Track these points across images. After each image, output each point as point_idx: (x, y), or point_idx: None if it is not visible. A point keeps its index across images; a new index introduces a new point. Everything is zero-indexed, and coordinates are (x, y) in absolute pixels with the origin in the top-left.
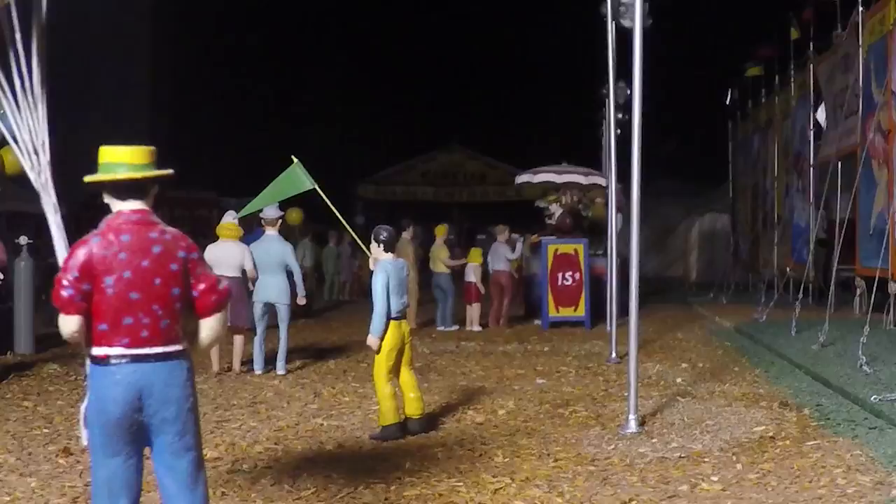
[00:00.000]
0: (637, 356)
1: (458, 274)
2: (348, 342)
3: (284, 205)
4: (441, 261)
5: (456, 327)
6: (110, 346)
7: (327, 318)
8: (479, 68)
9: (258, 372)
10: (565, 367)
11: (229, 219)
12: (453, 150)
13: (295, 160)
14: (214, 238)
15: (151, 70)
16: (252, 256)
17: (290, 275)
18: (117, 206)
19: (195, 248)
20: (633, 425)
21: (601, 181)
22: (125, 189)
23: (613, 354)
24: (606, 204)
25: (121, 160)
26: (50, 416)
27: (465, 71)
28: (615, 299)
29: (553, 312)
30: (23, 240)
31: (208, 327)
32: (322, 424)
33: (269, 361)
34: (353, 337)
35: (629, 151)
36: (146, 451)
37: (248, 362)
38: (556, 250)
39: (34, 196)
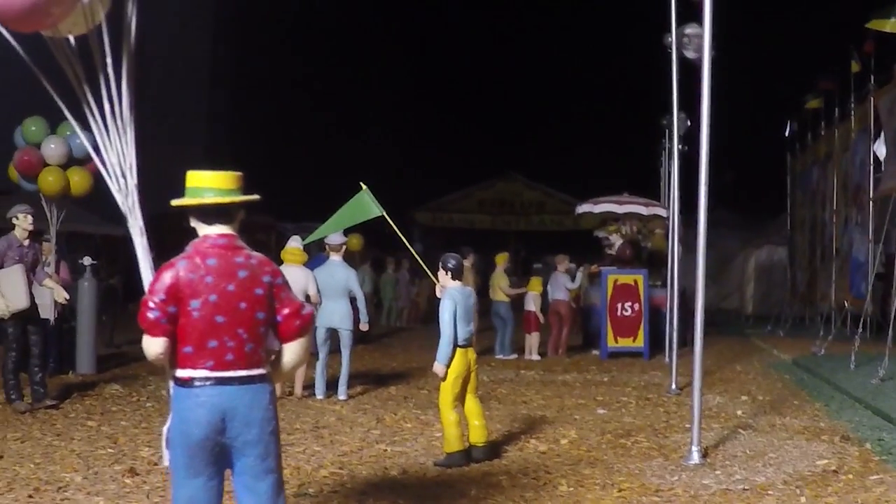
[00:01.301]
0: (700, 388)
1: (516, 302)
2: (408, 368)
3: (345, 230)
4: (501, 289)
5: (514, 356)
6: (195, 368)
7: (385, 343)
8: (538, 97)
9: (319, 397)
10: (625, 397)
11: (294, 244)
12: (511, 178)
13: (363, 187)
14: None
15: (210, 94)
16: (316, 281)
17: (352, 300)
18: (204, 230)
19: (280, 273)
20: (696, 457)
21: (662, 212)
22: (212, 213)
23: (673, 385)
24: (666, 235)
25: (208, 185)
26: (114, 436)
27: (523, 99)
28: (676, 330)
29: (612, 342)
30: (86, 260)
31: (291, 351)
32: (386, 450)
33: (331, 386)
34: (412, 363)
35: (688, 182)
36: (227, 472)
37: (309, 387)
38: (616, 280)
39: (92, 217)
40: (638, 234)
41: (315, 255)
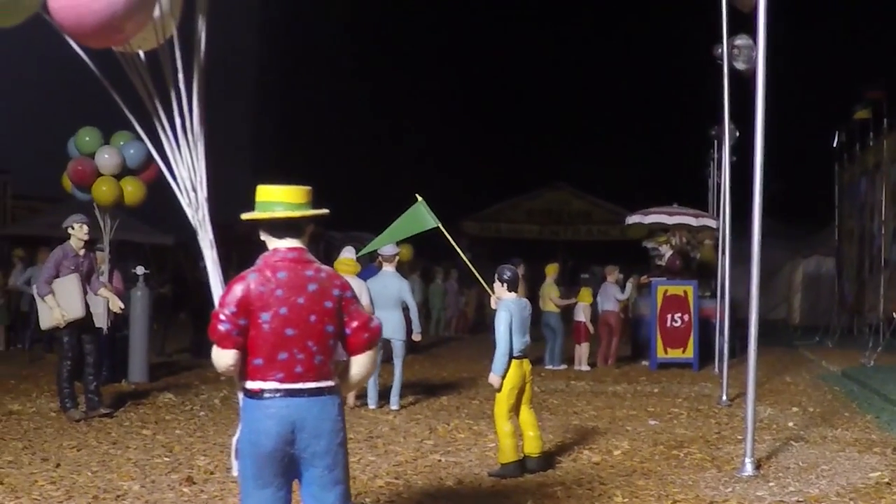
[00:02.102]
0: (754, 399)
1: (566, 313)
2: (458, 378)
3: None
4: (551, 299)
5: (564, 366)
6: (265, 380)
7: (434, 353)
8: (586, 107)
9: (372, 406)
10: (676, 408)
11: (348, 254)
12: (559, 188)
13: (419, 198)
14: None
15: (258, 104)
16: (369, 292)
17: (405, 310)
18: (273, 243)
19: (349, 286)
20: (749, 468)
21: (711, 223)
22: (282, 227)
23: (724, 397)
24: (715, 246)
25: (278, 199)
26: (170, 445)
27: (571, 109)
28: (727, 342)
29: (661, 353)
30: (139, 270)
31: (359, 364)
32: (440, 460)
33: (383, 396)
34: (462, 373)
35: (737, 192)
36: (294, 483)
37: (362, 396)
38: (666, 291)
39: (141, 226)
40: (687, 245)
41: (366, 266)
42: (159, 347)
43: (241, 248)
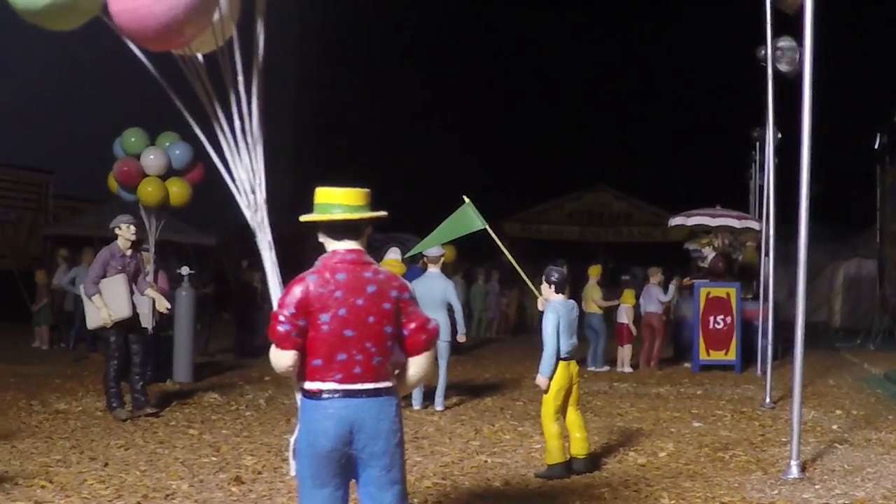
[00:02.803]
0: (800, 402)
1: (608, 314)
2: (501, 379)
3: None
4: (594, 301)
5: (607, 368)
6: (323, 381)
7: (476, 355)
8: (627, 108)
9: (416, 407)
10: (720, 410)
11: (393, 255)
12: (600, 189)
13: (466, 200)
14: None
15: (299, 105)
16: (414, 293)
17: (449, 312)
18: (332, 245)
19: (407, 287)
20: (795, 471)
21: (755, 225)
22: (341, 229)
23: (767, 399)
24: (757, 248)
25: (337, 201)
26: (216, 445)
27: (613, 110)
28: (770, 344)
29: (704, 355)
30: (184, 270)
31: (417, 365)
32: (486, 461)
33: (427, 397)
34: (505, 374)
35: (779, 195)
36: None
37: (406, 397)
38: (709, 293)
39: (182, 226)
40: (729, 247)
41: (409, 267)
42: (202, 347)
43: (281, 250)
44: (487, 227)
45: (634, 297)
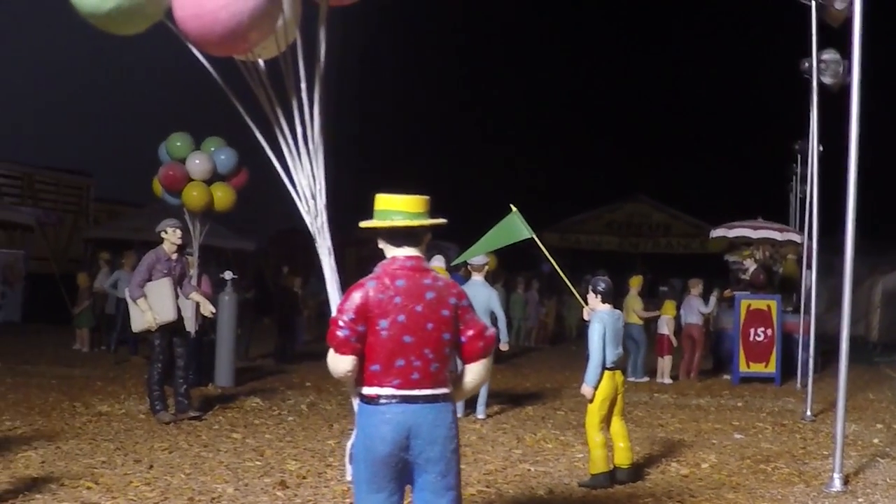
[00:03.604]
0: (843, 415)
1: (648, 325)
2: (542, 388)
3: None
4: (635, 312)
5: (646, 378)
6: (381, 386)
7: (516, 364)
8: (666, 119)
9: (459, 415)
10: (760, 422)
11: (437, 263)
12: (639, 200)
13: (513, 209)
14: None
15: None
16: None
17: (492, 320)
18: (391, 251)
19: (464, 295)
20: (837, 484)
21: (796, 238)
22: (401, 236)
23: (808, 412)
24: (798, 260)
25: (397, 208)
26: (260, 449)
27: (652, 120)
28: (812, 357)
29: (744, 367)
30: (227, 274)
31: (474, 372)
32: (530, 470)
33: (469, 405)
34: (545, 383)
35: (821, 207)
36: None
37: None
38: (750, 306)
39: (222, 230)
40: (770, 259)
41: (452, 276)
42: (243, 352)
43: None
44: (534, 236)
45: (675, 308)
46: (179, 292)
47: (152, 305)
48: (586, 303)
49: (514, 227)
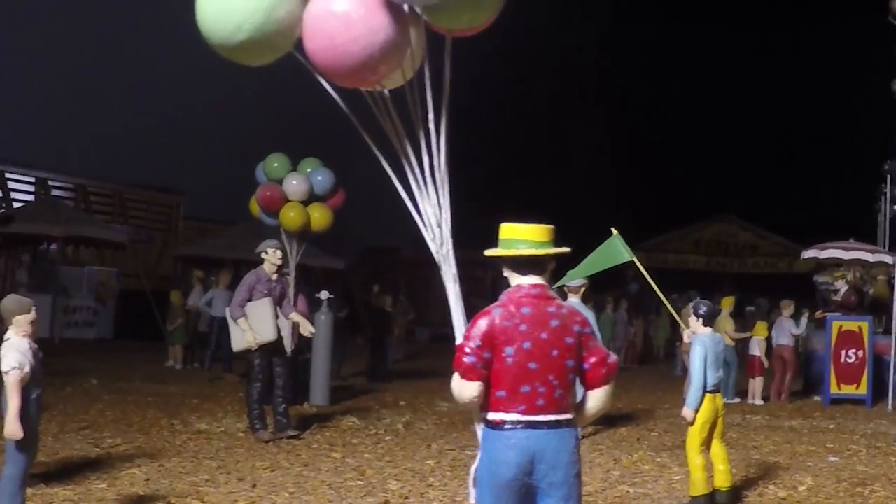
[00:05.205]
0: None
1: (739, 346)
2: (634, 409)
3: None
4: (726, 333)
5: (737, 399)
6: (506, 412)
7: None
8: (753, 138)
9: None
10: (854, 445)
11: None
12: (726, 219)
13: (614, 232)
14: (488, 299)
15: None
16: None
17: None
18: (516, 280)
19: (588, 322)
20: None
21: (888, 259)
22: (526, 264)
23: None
24: (888, 281)
25: (522, 237)
26: (361, 469)
27: (739, 140)
28: None
29: (835, 389)
30: (323, 294)
31: (596, 398)
32: (628, 492)
33: None
34: (637, 404)
35: None
36: None
37: None
38: (841, 327)
39: (311, 249)
40: (861, 281)
41: None
42: (335, 371)
43: (408, 274)
44: (635, 259)
45: (767, 329)
46: (279, 312)
47: (252, 325)
48: (686, 325)
49: (615, 250)
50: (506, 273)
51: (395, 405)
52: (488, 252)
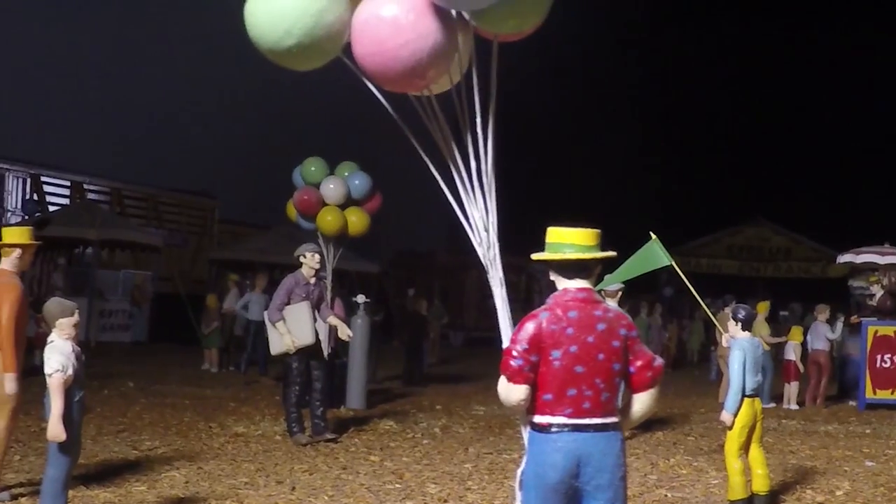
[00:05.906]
0: None
1: (774, 351)
2: (670, 414)
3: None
4: (761, 337)
5: (773, 404)
6: (553, 415)
7: None
8: (787, 142)
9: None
10: (891, 450)
11: None
12: (760, 223)
13: (653, 236)
14: (521, 303)
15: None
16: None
17: None
18: (563, 283)
19: (633, 326)
20: None
21: None
22: (572, 268)
23: None
24: None
25: (569, 241)
26: (399, 472)
27: (772, 144)
28: None
29: (870, 394)
30: (360, 298)
31: (641, 402)
32: (667, 496)
33: None
34: (673, 409)
35: None
36: None
37: None
38: (876, 332)
39: (349, 254)
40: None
41: None
42: (371, 375)
43: (442, 278)
44: (674, 263)
45: (802, 334)
46: (317, 316)
47: (291, 329)
48: (724, 329)
49: (654, 255)
50: (552, 277)
51: (432, 409)
52: (535, 256)
